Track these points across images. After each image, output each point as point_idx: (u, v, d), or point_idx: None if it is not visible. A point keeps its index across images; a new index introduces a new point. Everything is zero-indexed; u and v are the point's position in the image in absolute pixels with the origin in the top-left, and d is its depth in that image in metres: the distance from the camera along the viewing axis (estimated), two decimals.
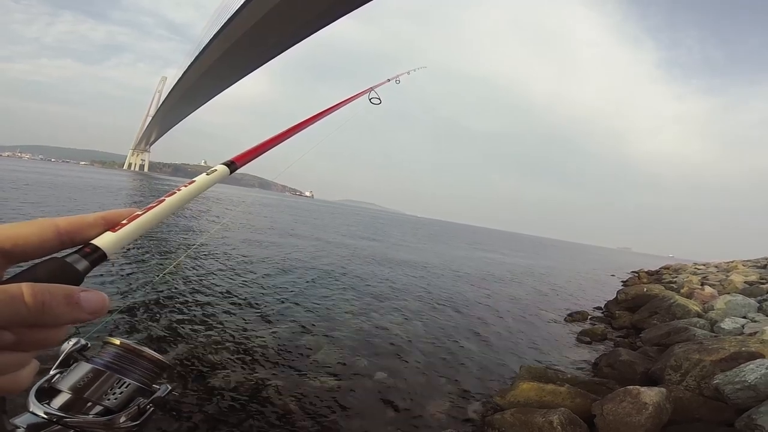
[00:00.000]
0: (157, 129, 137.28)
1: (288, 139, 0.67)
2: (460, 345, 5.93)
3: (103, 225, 0.35)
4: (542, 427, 3.14)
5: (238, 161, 0.51)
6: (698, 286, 11.03)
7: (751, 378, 3.34)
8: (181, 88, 64.71)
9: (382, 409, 3.71)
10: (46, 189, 19.68)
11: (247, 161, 0.53)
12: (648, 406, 3.14)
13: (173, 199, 0.40)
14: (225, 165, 0.48)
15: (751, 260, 19.89)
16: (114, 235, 0.34)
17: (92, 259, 0.31)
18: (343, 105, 1.03)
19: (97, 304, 0.30)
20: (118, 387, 0.40)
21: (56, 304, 0.28)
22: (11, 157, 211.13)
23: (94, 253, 0.32)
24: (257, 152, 0.56)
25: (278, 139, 0.63)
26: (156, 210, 0.37)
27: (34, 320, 0.27)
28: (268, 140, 0.60)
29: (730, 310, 7.36)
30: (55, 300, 0.28)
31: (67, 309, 0.29)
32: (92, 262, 0.31)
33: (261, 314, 5.72)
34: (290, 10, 25.44)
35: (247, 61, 41.04)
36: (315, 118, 0.81)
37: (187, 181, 0.43)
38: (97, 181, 36.70)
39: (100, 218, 0.35)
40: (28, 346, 0.29)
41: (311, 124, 0.79)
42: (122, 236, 0.34)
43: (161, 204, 0.38)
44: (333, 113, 0.95)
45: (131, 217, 0.36)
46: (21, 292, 0.27)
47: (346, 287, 8.46)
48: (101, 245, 0.32)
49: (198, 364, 3.92)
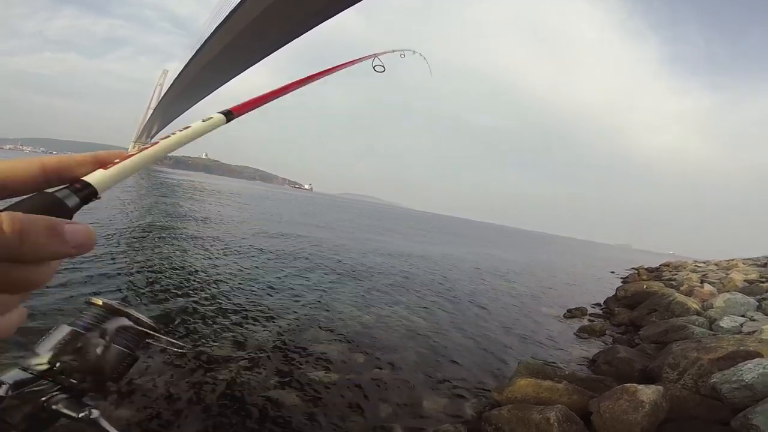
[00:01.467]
0: (158, 122, 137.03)
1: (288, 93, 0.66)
2: (458, 341, 5.95)
3: (93, 163, 0.33)
4: (539, 424, 3.15)
5: (236, 111, 0.49)
6: (698, 284, 11.03)
7: (748, 377, 3.35)
8: (182, 82, 64.47)
9: (379, 404, 3.72)
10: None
11: (245, 112, 0.51)
12: (645, 404, 3.15)
13: (167, 141, 0.39)
14: (222, 113, 0.46)
15: (751, 258, 19.88)
16: (106, 172, 0.32)
17: (83, 195, 0.30)
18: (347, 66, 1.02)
19: (82, 237, 0.28)
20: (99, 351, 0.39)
21: (36, 233, 0.25)
22: (13, 150, 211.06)
23: (85, 189, 0.30)
24: (256, 104, 0.54)
25: (278, 92, 0.61)
26: (149, 151, 0.36)
27: (14, 252, 0.25)
28: (268, 93, 0.58)
29: (729, 308, 7.36)
30: (36, 229, 0.25)
31: (50, 240, 0.26)
32: (83, 198, 0.30)
33: (256, 308, 5.74)
34: (292, 3, 25.27)
35: (248, 54, 40.84)
36: (317, 75, 0.79)
37: (182, 127, 0.41)
38: None
39: (90, 157, 0.34)
40: (11, 287, 0.26)
41: (313, 81, 0.77)
42: (114, 174, 0.32)
43: (155, 146, 0.37)
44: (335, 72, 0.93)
45: (123, 157, 0.34)
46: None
47: (342, 282, 8.48)
48: (92, 181, 0.31)
49: (195, 357, 3.94)
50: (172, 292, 5.76)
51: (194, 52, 45.92)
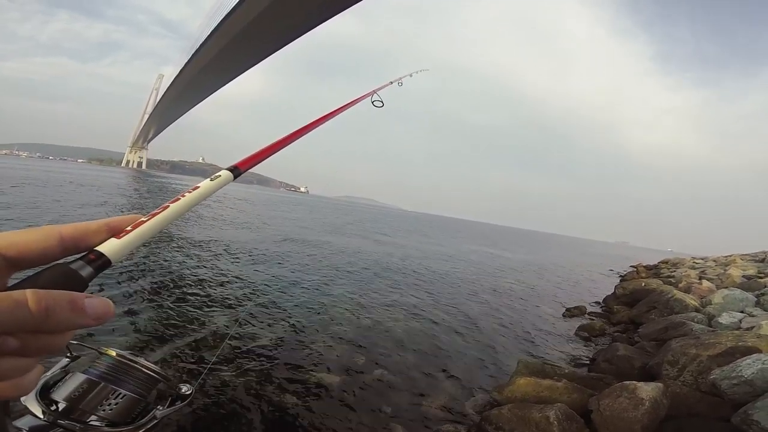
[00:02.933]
0: (154, 126, 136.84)
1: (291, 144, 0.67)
2: (457, 340, 5.95)
3: (107, 232, 0.35)
4: (539, 423, 3.15)
5: (242, 166, 0.51)
6: (696, 281, 11.06)
7: (748, 373, 3.35)
8: (178, 86, 64.44)
9: (379, 404, 3.71)
10: (50, 187, 19.61)
11: (250, 166, 0.53)
12: (645, 402, 3.15)
13: (177, 205, 0.40)
14: (229, 170, 0.48)
15: (749, 254, 19.93)
16: (118, 241, 0.34)
17: (96, 265, 0.31)
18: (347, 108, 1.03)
19: (101, 310, 0.30)
20: (113, 398, 0.41)
21: (60, 309, 0.28)
22: (9, 155, 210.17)
23: (99, 259, 0.32)
24: (260, 157, 0.56)
25: (281, 143, 0.63)
26: (160, 216, 0.37)
27: (39, 326, 0.27)
28: (271, 145, 0.60)
29: (727, 304, 7.38)
30: (59, 306, 0.28)
31: (72, 315, 0.29)
32: (96, 269, 0.31)
33: (256, 310, 5.72)
34: (286, 6, 25.30)
35: (243, 58, 40.86)
36: (319, 121, 0.81)
37: (191, 187, 0.43)
38: (96, 179, 36.58)
39: (104, 225, 0.35)
40: (32, 352, 0.29)
41: (315, 127, 0.78)
42: (126, 243, 0.34)
43: (165, 210, 0.38)
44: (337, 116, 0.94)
45: (135, 224, 0.36)
46: (25, 298, 0.27)
47: (342, 283, 8.47)
48: (105, 252, 0.32)
49: (193, 359, 3.92)
50: (170, 294, 5.74)
51: (190, 56, 45.94)
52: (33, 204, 12.63)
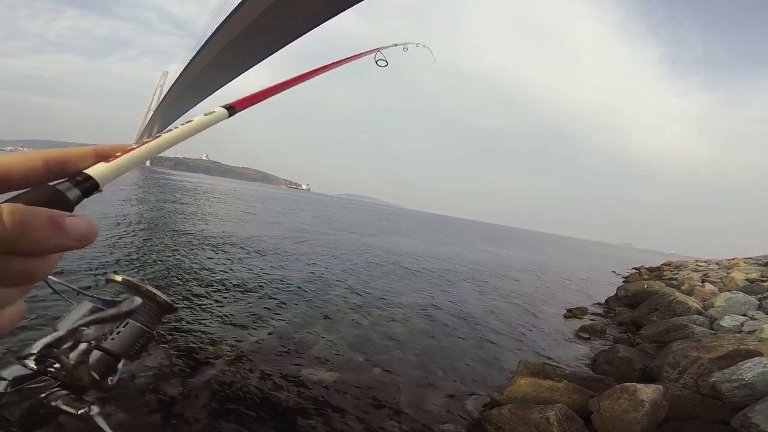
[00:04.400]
0: (158, 123, 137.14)
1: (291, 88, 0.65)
2: (458, 340, 5.96)
3: (95, 157, 0.33)
4: (539, 423, 3.16)
5: (238, 105, 0.49)
6: (699, 283, 11.02)
7: (748, 376, 3.35)
8: (182, 83, 64.52)
9: (380, 404, 3.73)
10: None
11: (247, 105, 0.51)
12: (645, 404, 3.16)
13: (169, 135, 0.38)
14: (224, 108, 0.46)
15: (752, 257, 19.82)
16: (107, 165, 0.32)
17: (84, 188, 0.30)
18: (350, 60, 1.02)
19: (84, 230, 0.27)
20: (117, 327, 0.40)
21: (38, 226, 0.25)
22: (13, 152, 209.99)
23: (87, 182, 0.30)
24: (258, 98, 0.54)
25: (281, 86, 0.61)
26: (151, 144, 0.36)
27: (14, 244, 0.24)
28: (270, 87, 0.58)
29: (729, 307, 7.36)
30: (37, 222, 0.25)
31: (51, 233, 0.25)
32: (84, 191, 0.30)
33: (257, 308, 5.74)
34: (291, 3, 25.29)
35: (248, 55, 40.86)
36: (320, 69, 0.79)
37: (184, 121, 0.42)
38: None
39: (92, 151, 0.33)
40: (11, 280, 0.26)
41: (316, 75, 0.77)
42: (116, 166, 0.32)
43: (157, 139, 0.37)
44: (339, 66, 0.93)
45: (125, 150, 0.34)
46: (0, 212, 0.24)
47: (342, 282, 8.48)
48: (93, 174, 0.31)
49: (193, 358, 3.95)
50: (172, 292, 5.77)
51: (195, 53, 45.98)
52: None
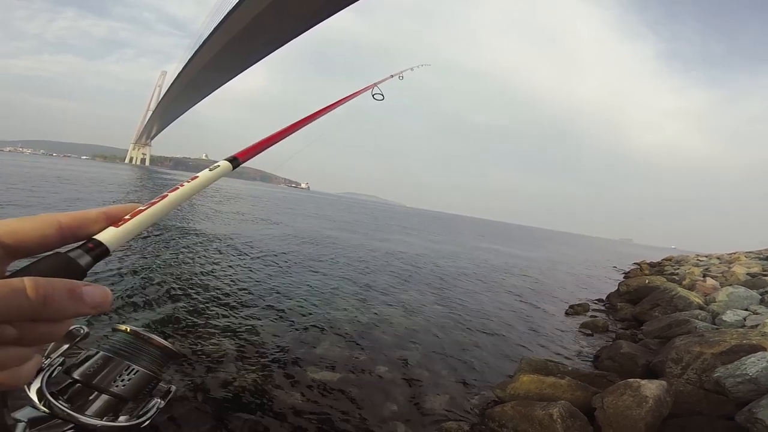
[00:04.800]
0: (157, 123, 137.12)
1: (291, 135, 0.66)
2: (460, 338, 5.95)
3: (105, 220, 0.34)
4: (542, 420, 3.15)
5: (241, 157, 0.50)
6: (700, 278, 11.01)
7: (752, 371, 3.34)
8: (181, 83, 64.50)
9: (382, 402, 3.72)
10: (54, 184, 19.71)
11: (250, 157, 0.52)
12: (648, 399, 3.15)
13: (176, 194, 0.39)
14: (228, 161, 0.48)
15: (753, 252, 19.79)
16: (116, 230, 0.33)
17: (95, 254, 0.31)
18: (347, 100, 1.02)
19: (99, 298, 0.30)
20: (126, 373, 0.41)
21: (59, 297, 0.28)
22: (13, 152, 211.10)
23: (97, 248, 0.32)
24: (260, 148, 0.55)
25: (281, 134, 0.62)
26: (158, 205, 0.37)
27: (37, 314, 0.27)
28: (271, 136, 0.59)
29: (731, 302, 7.35)
30: (58, 293, 0.28)
31: (70, 303, 0.29)
32: (95, 257, 0.31)
33: (260, 308, 5.74)
34: (289, 3, 25.23)
35: (247, 54, 40.83)
36: (319, 113, 0.80)
37: (190, 177, 0.42)
38: (100, 175, 36.73)
39: (102, 213, 0.34)
40: (30, 341, 0.29)
41: (315, 119, 0.77)
42: (125, 231, 0.34)
43: (164, 199, 0.38)
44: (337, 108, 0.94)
45: (134, 213, 0.35)
46: (23, 286, 0.26)
47: (344, 280, 8.48)
48: (104, 240, 0.32)
49: (195, 358, 3.94)
50: (173, 293, 5.76)
51: (193, 52, 45.93)
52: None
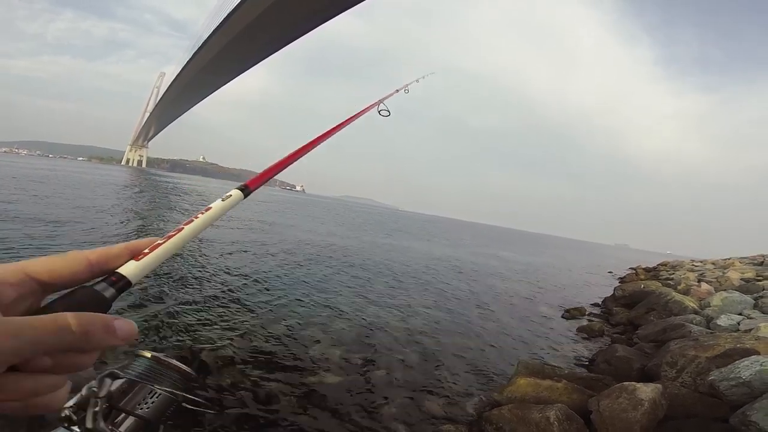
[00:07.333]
0: (155, 125, 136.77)
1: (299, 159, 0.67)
2: (458, 341, 5.96)
3: (127, 254, 0.38)
4: (539, 423, 3.17)
5: (252, 185, 0.53)
6: (695, 283, 11.08)
7: (746, 374, 3.37)
8: (179, 84, 64.42)
9: (380, 404, 3.73)
10: (53, 186, 19.60)
11: (260, 185, 0.55)
12: (644, 402, 3.17)
13: (191, 226, 0.42)
14: (239, 189, 0.50)
15: (748, 257, 19.95)
16: (137, 263, 0.37)
17: (118, 287, 0.35)
18: (354, 119, 1.02)
19: (128, 332, 0.34)
20: (150, 397, 0.43)
21: (96, 331, 0.31)
22: (8, 153, 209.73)
23: (120, 281, 0.35)
24: (269, 175, 0.58)
25: (290, 159, 0.64)
26: (176, 238, 0.40)
27: (78, 348, 0.30)
28: (278, 162, 0.61)
29: (726, 306, 7.40)
30: (96, 328, 0.31)
31: (105, 336, 0.32)
32: (118, 290, 0.35)
33: (257, 311, 5.73)
34: (289, 5, 25.31)
35: (246, 56, 40.86)
36: (326, 135, 0.80)
37: (203, 208, 0.45)
38: (97, 176, 36.57)
39: (124, 248, 0.38)
40: (64, 369, 0.32)
41: (322, 141, 0.77)
42: (144, 264, 0.37)
43: (180, 232, 0.41)
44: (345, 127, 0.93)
45: (153, 246, 0.39)
46: (68, 323, 0.29)
47: (342, 283, 8.48)
48: (126, 273, 0.36)
49: (192, 358, 3.93)
50: (172, 293, 5.75)
51: (191, 54, 45.92)
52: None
